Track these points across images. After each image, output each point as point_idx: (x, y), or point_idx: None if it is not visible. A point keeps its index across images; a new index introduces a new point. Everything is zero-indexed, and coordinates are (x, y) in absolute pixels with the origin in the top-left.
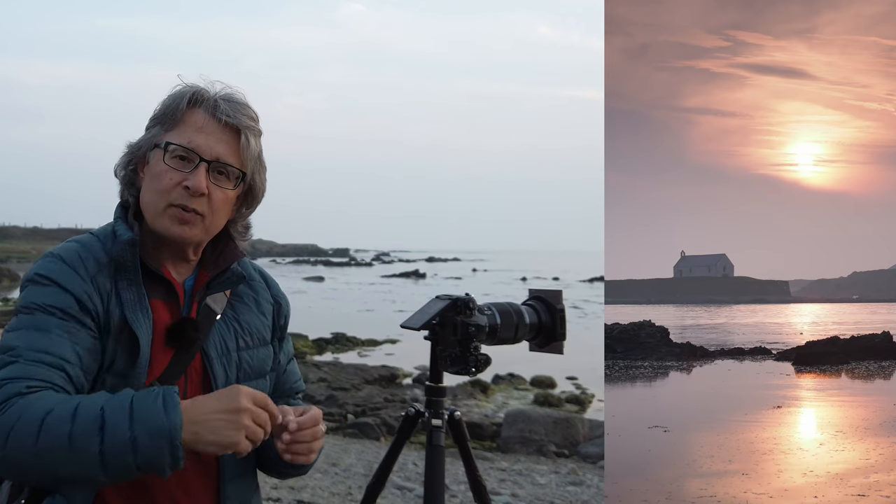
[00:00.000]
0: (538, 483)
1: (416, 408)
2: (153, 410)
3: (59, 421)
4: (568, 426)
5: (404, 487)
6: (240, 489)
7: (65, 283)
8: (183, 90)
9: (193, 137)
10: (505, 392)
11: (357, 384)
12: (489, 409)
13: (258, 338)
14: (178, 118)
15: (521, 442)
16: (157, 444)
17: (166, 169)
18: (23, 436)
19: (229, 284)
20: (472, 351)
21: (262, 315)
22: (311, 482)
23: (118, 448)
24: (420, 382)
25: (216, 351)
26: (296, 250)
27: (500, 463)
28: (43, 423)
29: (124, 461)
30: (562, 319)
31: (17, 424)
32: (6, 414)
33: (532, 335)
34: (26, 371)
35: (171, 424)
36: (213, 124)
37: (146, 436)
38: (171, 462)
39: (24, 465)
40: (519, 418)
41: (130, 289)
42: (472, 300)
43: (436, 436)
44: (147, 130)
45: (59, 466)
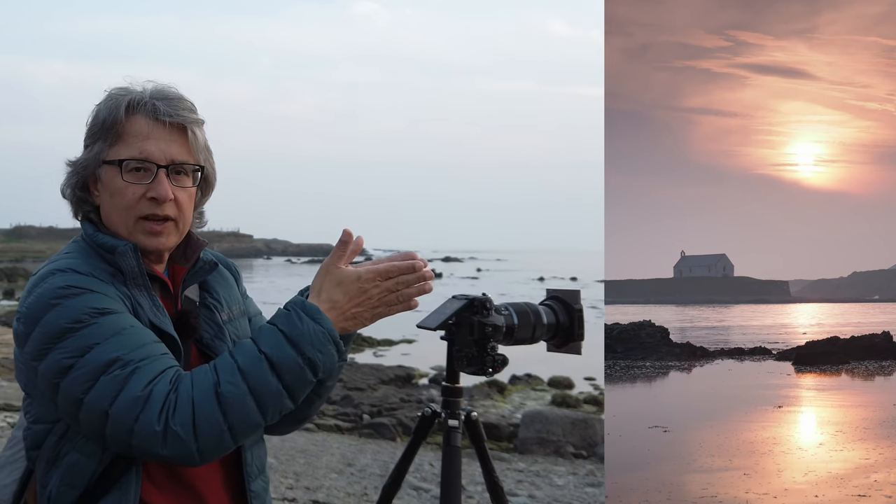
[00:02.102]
0: (556, 484)
1: (433, 408)
2: (304, 327)
3: (233, 384)
4: (586, 427)
5: (420, 488)
6: (258, 457)
7: (96, 288)
8: (115, 100)
9: (143, 146)
10: (522, 392)
11: (373, 384)
12: (506, 410)
13: (237, 307)
14: (119, 130)
15: (539, 443)
16: (326, 352)
17: (125, 185)
18: (210, 421)
19: (203, 274)
20: (489, 351)
21: (230, 286)
22: (327, 482)
23: (297, 375)
24: (436, 383)
25: (208, 333)
26: (310, 250)
27: (518, 464)
28: (220, 397)
29: (305, 379)
30: (580, 319)
31: (198, 415)
32: (178, 413)
33: (550, 335)
34: (154, 368)
35: (328, 328)
36: (157, 128)
37: (315, 350)
38: (339, 357)
39: (223, 444)
40: (536, 419)
41: (143, 294)
42: (489, 300)
43: (452, 436)
44: (87, 147)
45: (254, 421)
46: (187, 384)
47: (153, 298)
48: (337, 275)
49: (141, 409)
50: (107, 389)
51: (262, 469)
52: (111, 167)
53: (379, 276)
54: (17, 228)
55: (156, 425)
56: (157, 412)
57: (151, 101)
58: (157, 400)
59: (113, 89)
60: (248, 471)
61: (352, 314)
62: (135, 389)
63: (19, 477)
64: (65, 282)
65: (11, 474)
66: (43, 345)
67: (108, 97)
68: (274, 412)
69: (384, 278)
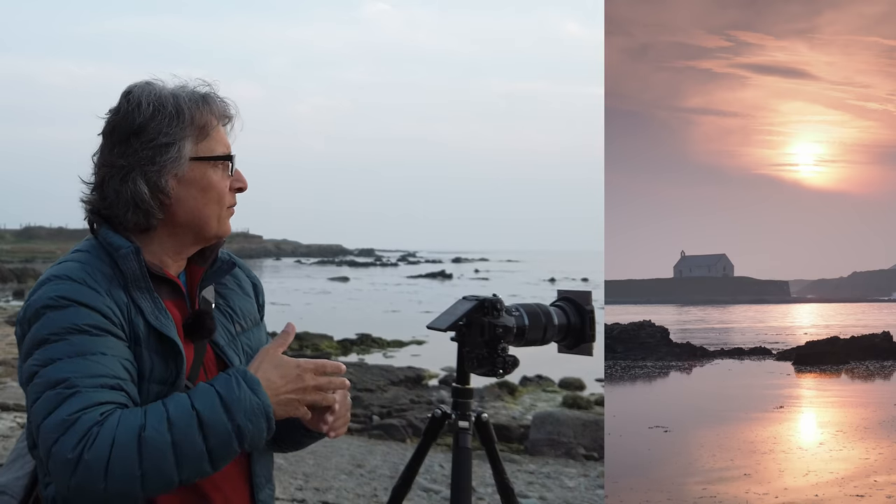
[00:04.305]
0: (567, 486)
1: (443, 409)
2: (242, 395)
3: (157, 432)
4: (597, 429)
5: (431, 489)
6: (265, 468)
7: (85, 300)
8: (191, 97)
9: (226, 142)
10: (533, 394)
11: (382, 385)
12: (517, 411)
13: (251, 319)
14: (207, 128)
15: (550, 444)
16: (257, 425)
17: (220, 179)
18: (124, 462)
19: (222, 274)
20: (500, 352)
21: (248, 297)
22: (337, 483)
23: (223, 440)
24: (446, 384)
25: (224, 339)
26: (320, 251)
27: (528, 465)
28: (141, 442)
29: (230, 448)
30: (591, 321)
31: (114, 453)
32: (95, 446)
33: (561, 336)
34: (92, 398)
35: (264, 403)
36: (221, 122)
37: (247, 420)
38: (268, 434)
39: (131, 491)
40: (547, 420)
41: (145, 297)
42: (500, 301)
43: (463, 438)
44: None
45: (169, 477)
46: (114, 421)
47: (156, 301)
48: (277, 358)
49: (62, 433)
50: (45, 404)
51: (268, 479)
52: (202, 163)
53: (316, 370)
54: (27, 229)
55: (69, 453)
56: (76, 440)
57: (219, 99)
58: (79, 428)
59: (172, 89)
60: (256, 481)
61: (285, 399)
62: (64, 412)
63: (31, 470)
64: (55, 292)
65: (24, 467)
66: (26, 350)
67: (174, 96)
68: (190, 473)
69: (319, 373)
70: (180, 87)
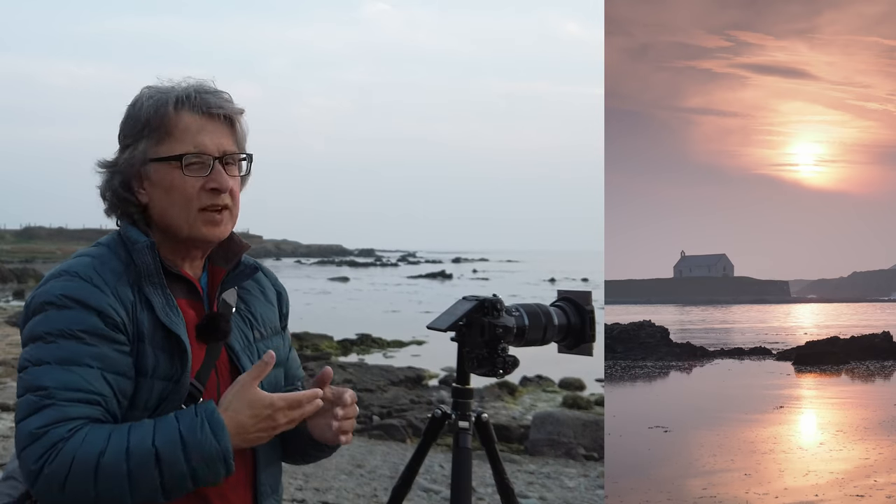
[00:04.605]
0: (567, 486)
1: (443, 409)
2: (204, 439)
3: (115, 461)
4: (597, 429)
5: (431, 490)
6: (271, 476)
7: (87, 300)
8: (159, 98)
9: (197, 140)
10: (533, 394)
11: (383, 385)
12: (517, 412)
13: (271, 327)
14: (168, 127)
15: (550, 444)
16: (214, 469)
17: (184, 179)
18: (80, 482)
19: (244, 277)
20: (500, 352)
21: (270, 304)
22: (336, 484)
23: (177, 479)
24: (447, 384)
25: (240, 344)
26: (320, 251)
27: (528, 466)
28: (98, 467)
29: (184, 487)
30: (591, 321)
31: (72, 472)
32: (56, 462)
33: (561, 337)
34: (65, 413)
35: (224, 448)
36: (208, 121)
37: (203, 464)
38: (226, 475)
39: None
40: (547, 420)
41: (156, 292)
42: (500, 301)
43: (463, 438)
44: (128, 147)
45: (121, 501)
46: (78, 440)
47: (168, 297)
48: (250, 395)
49: (30, 443)
50: (24, 406)
51: (275, 489)
52: (163, 164)
53: (289, 406)
54: (27, 229)
55: (32, 464)
56: (41, 453)
57: (198, 95)
58: (45, 442)
59: (148, 88)
60: (261, 489)
61: (254, 437)
62: (35, 423)
63: None
64: (60, 289)
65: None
66: (24, 339)
67: (146, 96)
68: (144, 500)
69: (292, 408)
70: (169, 88)
